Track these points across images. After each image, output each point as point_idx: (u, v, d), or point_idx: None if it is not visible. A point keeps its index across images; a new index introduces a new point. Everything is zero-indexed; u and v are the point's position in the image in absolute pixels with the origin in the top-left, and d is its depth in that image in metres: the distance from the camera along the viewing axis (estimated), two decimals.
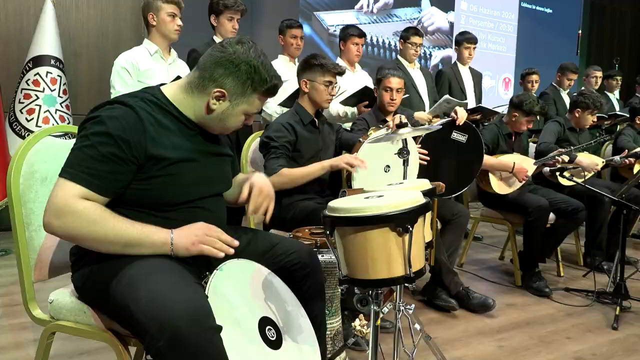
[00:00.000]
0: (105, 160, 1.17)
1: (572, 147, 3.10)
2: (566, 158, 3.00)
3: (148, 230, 1.20)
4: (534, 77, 4.69)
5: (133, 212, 1.24)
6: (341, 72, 2.32)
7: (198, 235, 1.24)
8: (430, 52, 6.13)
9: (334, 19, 5.34)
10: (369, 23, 5.55)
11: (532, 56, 6.84)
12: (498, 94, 6.67)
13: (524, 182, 3.01)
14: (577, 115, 3.39)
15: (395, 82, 2.67)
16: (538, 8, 7.08)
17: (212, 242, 1.25)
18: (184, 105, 1.32)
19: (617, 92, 5.38)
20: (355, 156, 2.15)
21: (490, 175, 2.99)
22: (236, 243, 1.28)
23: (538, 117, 4.48)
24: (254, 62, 1.28)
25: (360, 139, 2.27)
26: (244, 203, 1.44)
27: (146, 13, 2.68)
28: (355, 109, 3.26)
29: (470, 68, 4.25)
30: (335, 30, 5.20)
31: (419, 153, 2.41)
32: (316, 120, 2.35)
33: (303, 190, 2.24)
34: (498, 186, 3.00)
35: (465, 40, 4.14)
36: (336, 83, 2.33)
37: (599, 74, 4.91)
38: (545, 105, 4.22)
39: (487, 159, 2.91)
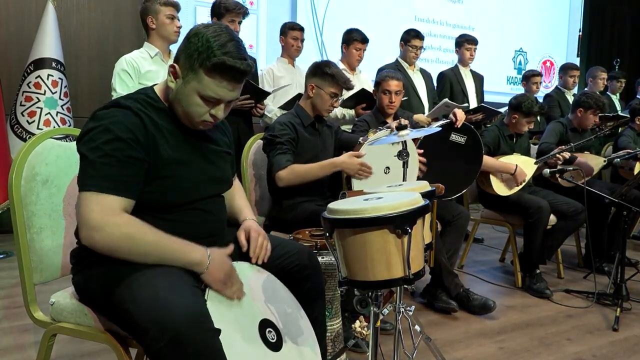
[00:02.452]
0: (125, 165, 1.17)
1: (572, 144, 3.10)
2: (565, 155, 3.00)
3: (186, 248, 1.21)
4: (537, 78, 4.70)
5: (135, 215, 1.24)
6: (350, 88, 2.35)
7: (225, 279, 1.24)
8: None
9: None
10: None
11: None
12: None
13: (523, 183, 3.01)
14: (579, 115, 3.39)
15: (393, 84, 2.68)
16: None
17: (230, 285, 1.26)
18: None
19: (618, 94, 5.38)
20: (365, 164, 2.17)
21: (491, 176, 2.99)
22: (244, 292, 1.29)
23: (539, 118, 4.51)
24: (205, 35, 1.21)
25: (360, 141, 2.28)
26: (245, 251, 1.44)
27: (145, 17, 2.70)
28: (352, 111, 3.28)
29: (471, 70, 4.25)
30: None
31: (419, 161, 2.42)
32: (316, 123, 2.36)
33: (303, 192, 2.24)
34: (499, 187, 3.00)
35: (466, 41, 4.13)
36: (341, 96, 2.35)
37: (605, 75, 4.92)
38: (545, 105, 4.23)
39: (489, 161, 2.91)
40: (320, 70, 2.28)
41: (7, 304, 2.50)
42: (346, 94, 3.26)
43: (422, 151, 2.43)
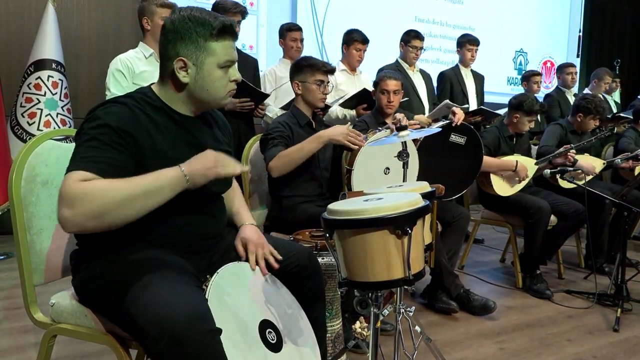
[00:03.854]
0: (106, 148, 1.16)
1: (572, 145, 3.09)
2: (574, 156, 3.00)
3: (157, 174, 1.16)
4: (537, 78, 4.71)
5: None
6: (331, 70, 2.33)
7: (211, 160, 1.22)
8: None
9: None
10: None
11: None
12: None
13: (524, 182, 3.01)
14: (579, 119, 3.39)
15: (392, 84, 2.68)
16: None
17: (226, 163, 1.24)
18: (168, 98, 1.32)
19: (615, 95, 5.38)
20: (354, 131, 2.14)
21: (492, 176, 2.99)
22: (246, 168, 1.27)
23: (539, 118, 4.51)
24: (187, 17, 1.26)
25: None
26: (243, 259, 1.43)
27: (141, 17, 2.70)
28: (354, 112, 3.28)
29: (472, 70, 4.25)
30: None
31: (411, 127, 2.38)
32: (313, 122, 2.36)
33: (303, 193, 2.25)
34: (499, 188, 3.00)
35: (467, 41, 4.13)
36: (328, 82, 2.33)
37: (611, 80, 4.93)
38: (545, 104, 4.23)
39: (489, 160, 2.91)
40: (297, 66, 2.31)
41: (7, 305, 2.50)
42: (347, 95, 3.26)
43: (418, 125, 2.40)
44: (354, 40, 3.46)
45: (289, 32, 3.46)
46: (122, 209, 1.11)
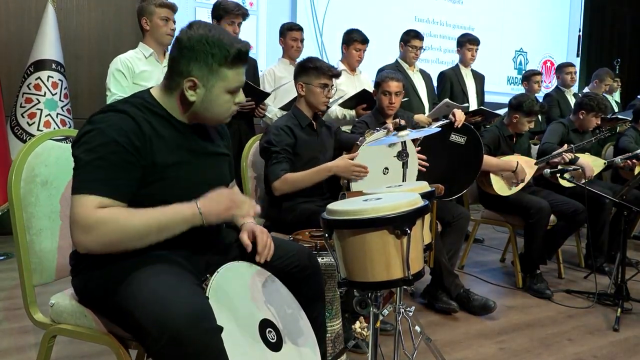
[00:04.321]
0: (118, 169, 1.17)
1: (572, 146, 3.09)
2: (569, 156, 3.00)
3: (174, 209, 1.19)
4: (538, 77, 4.71)
5: None
6: (336, 75, 2.33)
7: (227, 202, 1.24)
8: None
9: None
10: None
11: None
12: None
13: (524, 183, 3.01)
14: (581, 117, 3.39)
15: (393, 85, 2.68)
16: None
17: (241, 204, 1.26)
18: (170, 106, 1.32)
19: (616, 95, 5.37)
20: (359, 164, 2.16)
21: (492, 176, 2.99)
22: (258, 209, 1.28)
23: (540, 118, 4.51)
24: (207, 38, 1.25)
25: (358, 142, 2.28)
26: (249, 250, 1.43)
27: (140, 17, 2.70)
28: (354, 112, 3.28)
29: (472, 70, 4.25)
30: None
31: (418, 159, 2.41)
32: (314, 123, 2.36)
33: (303, 193, 2.24)
34: (499, 188, 3.00)
35: (467, 41, 4.12)
36: (332, 86, 2.34)
37: (611, 81, 4.93)
38: (545, 104, 4.23)
39: (489, 159, 2.91)
40: (303, 67, 2.30)
41: (7, 305, 2.50)
42: (347, 95, 3.26)
43: (425, 157, 2.43)
44: (354, 40, 3.46)
45: (289, 32, 3.46)
46: (135, 241, 1.16)
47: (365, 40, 3.48)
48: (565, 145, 3.06)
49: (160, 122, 1.29)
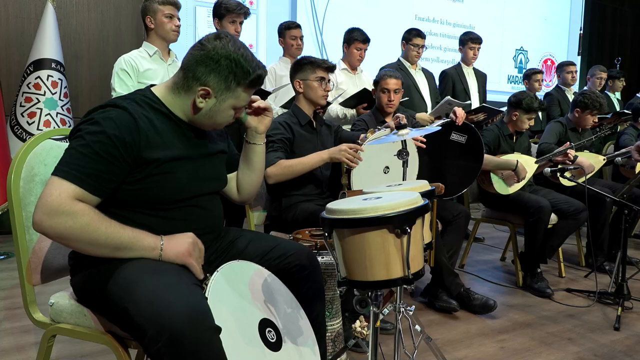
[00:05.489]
0: (99, 159, 1.17)
1: (572, 144, 3.09)
2: (573, 153, 2.99)
3: (139, 235, 1.20)
4: (538, 76, 4.70)
5: (128, 212, 1.25)
6: (331, 67, 2.33)
7: (188, 248, 1.25)
8: None
9: None
10: None
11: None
12: None
13: (524, 181, 3.00)
14: (577, 115, 3.39)
15: (392, 83, 2.68)
16: None
17: (197, 260, 1.26)
18: (173, 105, 1.33)
19: (618, 93, 5.37)
20: (355, 149, 2.13)
21: (492, 175, 2.99)
22: (201, 276, 1.26)
23: (540, 116, 4.50)
24: (233, 56, 1.27)
25: (359, 140, 2.28)
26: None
27: (144, 16, 2.70)
28: (354, 111, 3.27)
29: (474, 69, 4.25)
30: None
31: (415, 142, 2.38)
32: (313, 122, 2.36)
33: (303, 192, 2.24)
34: (499, 186, 3.00)
35: (469, 40, 4.12)
36: (329, 79, 2.34)
37: (605, 75, 4.91)
38: (544, 102, 4.23)
39: (490, 158, 2.91)
40: (298, 64, 2.32)
41: (7, 305, 2.50)
42: (347, 93, 3.26)
43: (424, 139, 2.40)
44: (355, 39, 3.46)
45: (287, 31, 3.46)
46: (89, 247, 1.17)
47: (366, 40, 3.48)
48: (568, 143, 3.05)
49: (159, 118, 1.30)
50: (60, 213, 1.12)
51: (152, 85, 1.38)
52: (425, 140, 2.41)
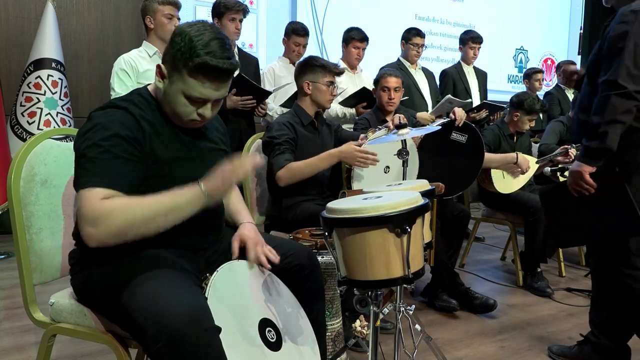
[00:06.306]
0: (121, 161, 1.17)
1: (573, 145, 3.09)
2: (574, 152, 2.99)
3: (176, 191, 1.17)
4: (539, 75, 4.70)
5: None
6: (340, 73, 2.36)
7: (220, 176, 1.20)
8: None
9: None
10: None
11: None
12: None
13: (527, 177, 3.00)
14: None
15: (392, 81, 2.68)
16: None
17: (237, 173, 1.21)
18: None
19: None
20: (365, 150, 2.11)
21: (492, 174, 2.99)
22: (258, 159, 1.23)
23: (541, 116, 4.50)
24: (189, 36, 1.20)
25: (360, 139, 2.28)
26: (237, 258, 1.41)
27: (144, 16, 2.70)
28: (354, 110, 3.27)
29: (474, 67, 4.25)
30: None
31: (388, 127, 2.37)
32: (315, 122, 2.36)
33: (303, 192, 2.24)
34: (500, 185, 3.00)
35: (470, 39, 4.12)
36: (336, 83, 2.35)
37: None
38: (546, 103, 4.22)
39: (490, 156, 2.91)
40: (310, 65, 2.31)
41: (8, 304, 2.50)
42: (347, 93, 3.26)
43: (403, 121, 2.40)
44: (352, 38, 3.46)
45: (294, 36, 3.43)
46: (144, 227, 1.14)
47: (364, 39, 3.48)
48: (567, 145, 3.05)
49: (157, 118, 1.30)
50: (98, 217, 1.10)
51: (148, 85, 1.37)
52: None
